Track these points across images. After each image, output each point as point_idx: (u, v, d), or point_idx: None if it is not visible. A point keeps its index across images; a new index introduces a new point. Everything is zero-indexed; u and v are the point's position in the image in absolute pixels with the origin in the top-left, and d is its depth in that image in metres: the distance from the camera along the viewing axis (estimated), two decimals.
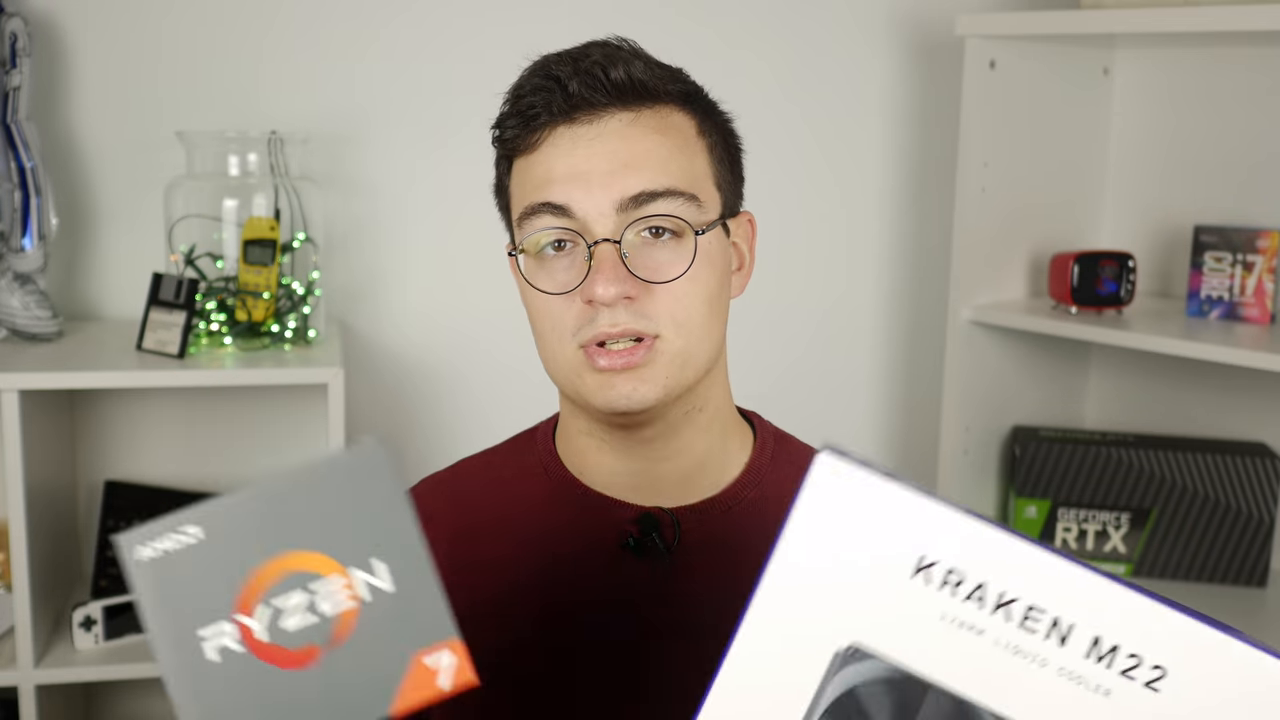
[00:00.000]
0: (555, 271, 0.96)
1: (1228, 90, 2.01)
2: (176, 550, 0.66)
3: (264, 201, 1.80)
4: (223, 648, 0.66)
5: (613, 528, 1.02)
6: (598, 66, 0.95)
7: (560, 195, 0.94)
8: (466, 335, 2.06)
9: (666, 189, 0.94)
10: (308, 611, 0.67)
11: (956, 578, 0.66)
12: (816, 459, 0.67)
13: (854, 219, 2.22)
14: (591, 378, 0.95)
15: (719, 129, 1.02)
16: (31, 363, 1.66)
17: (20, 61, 1.75)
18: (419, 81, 1.98)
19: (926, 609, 0.66)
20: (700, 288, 0.96)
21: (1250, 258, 1.88)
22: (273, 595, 0.67)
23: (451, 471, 1.13)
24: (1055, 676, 0.65)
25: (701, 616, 1.00)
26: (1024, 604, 0.65)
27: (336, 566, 0.68)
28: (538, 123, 0.96)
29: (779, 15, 2.11)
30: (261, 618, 0.66)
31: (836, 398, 2.26)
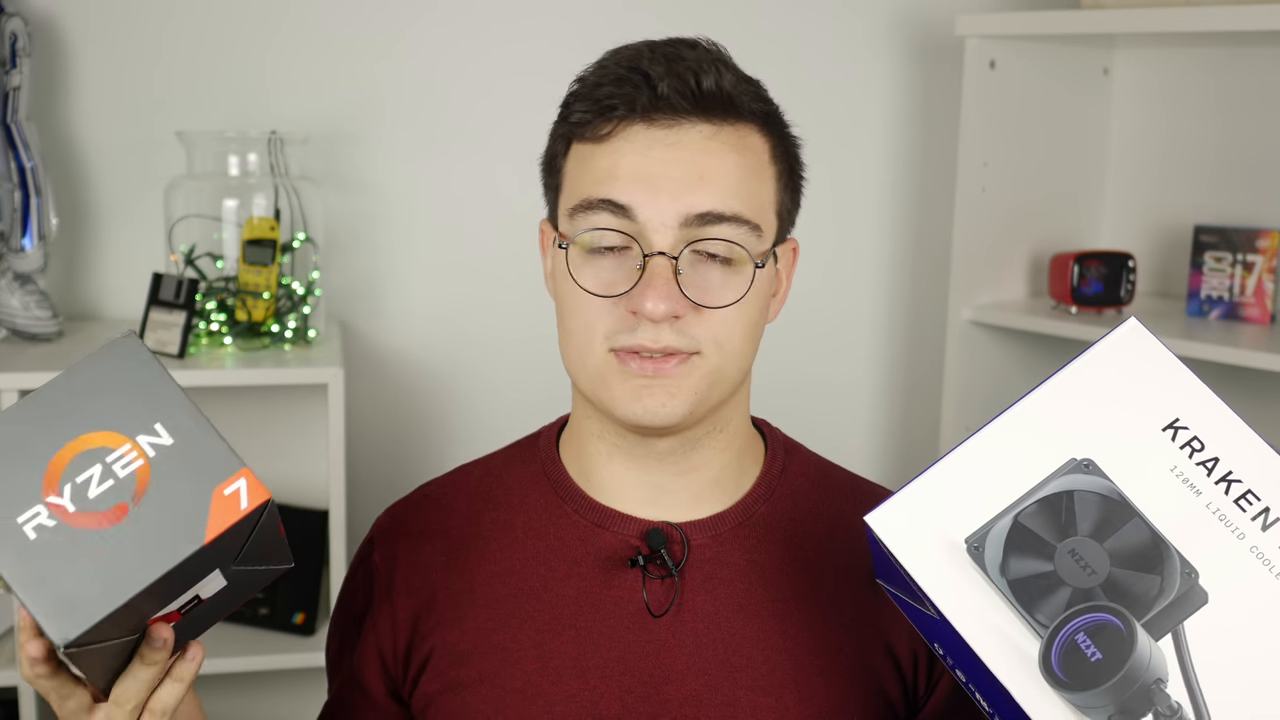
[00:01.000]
0: (601, 271, 0.92)
1: (1228, 90, 2.01)
2: None
3: (264, 201, 1.80)
4: (38, 525, 0.76)
5: (620, 542, 0.99)
6: (691, 73, 0.91)
7: (624, 195, 0.91)
8: (466, 335, 2.06)
9: (735, 214, 0.91)
10: (107, 479, 0.78)
11: (1198, 444, 0.78)
12: (1127, 323, 0.82)
13: (854, 219, 2.22)
14: (620, 386, 0.92)
15: (788, 154, 0.99)
16: (31, 363, 1.66)
17: (20, 61, 1.75)
18: (419, 81, 1.98)
19: (1162, 458, 0.78)
20: (746, 314, 0.94)
21: (1250, 258, 1.88)
22: (73, 474, 0.77)
23: (450, 479, 1.10)
24: (1247, 550, 0.76)
25: (710, 634, 0.98)
26: (1244, 486, 0.77)
27: (122, 438, 0.79)
28: (614, 114, 0.92)
29: (779, 15, 2.11)
30: (66, 494, 0.77)
31: (837, 397, 2.26)
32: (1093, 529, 0.78)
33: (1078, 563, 0.78)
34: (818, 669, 0.98)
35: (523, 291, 2.06)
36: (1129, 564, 0.77)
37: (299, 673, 1.88)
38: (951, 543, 0.80)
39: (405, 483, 2.09)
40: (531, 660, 0.98)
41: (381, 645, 1.04)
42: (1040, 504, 0.80)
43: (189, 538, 0.77)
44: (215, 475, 0.79)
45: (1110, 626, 0.76)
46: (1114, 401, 0.80)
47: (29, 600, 0.75)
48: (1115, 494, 0.78)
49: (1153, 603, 0.76)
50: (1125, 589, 0.77)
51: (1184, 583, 0.75)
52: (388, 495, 2.05)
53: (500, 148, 2.01)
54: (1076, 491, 0.79)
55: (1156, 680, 0.74)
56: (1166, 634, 0.75)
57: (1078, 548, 0.78)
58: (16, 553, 0.75)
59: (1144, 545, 0.77)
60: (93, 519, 0.77)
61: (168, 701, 0.84)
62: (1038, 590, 0.78)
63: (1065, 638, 0.77)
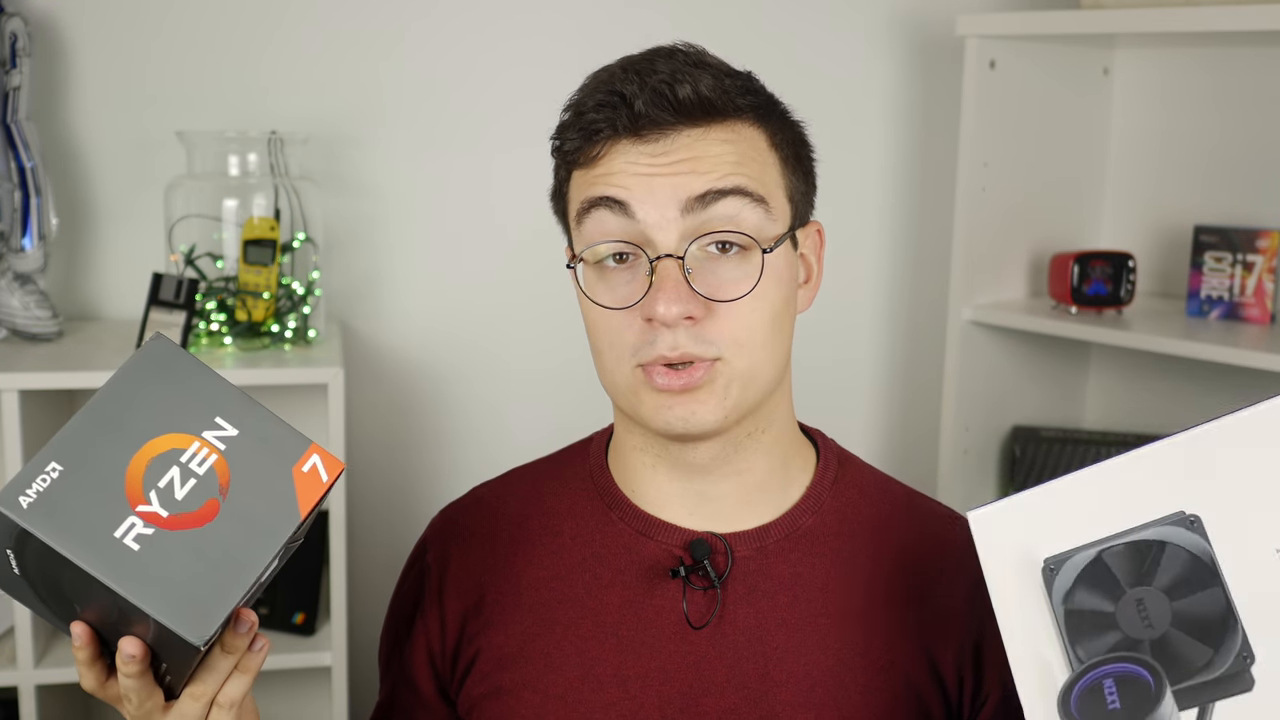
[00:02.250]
0: (616, 285, 0.92)
1: (1228, 90, 2.01)
2: (49, 486, 0.75)
3: (264, 201, 1.80)
4: (138, 535, 0.75)
5: (664, 552, 0.99)
6: (665, 84, 0.90)
7: (621, 192, 0.91)
8: (467, 335, 2.06)
9: (735, 187, 0.91)
10: (189, 479, 0.78)
11: None
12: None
13: (854, 219, 2.22)
14: (650, 398, 0.92)
15: (791, 140, 0.98)
16: (31, 363, 1.66)
17: (20, 61, 1.75)
18: (419, 81, 1.98)
19: (1271, 537, 0.74)
20: (765, 305, 0.92)
21: (1250, 258, 1.88)
22: (153, 480, 0.77)
23: (502, 481, 1.10)
24: None
25: (751, 647, 0.97)
26: None
27: (188, 437, 0.79)
28: (600, 137, 0.92)
29: (779, 15, 2.11)
30: (155, 501, 0.77)
31: (836, 397, 2.26)
32: (1169, 585, 0.76)
33: (1140, 612, 0.76)
34: (860, 686, 0.97)
35: (523, 292, 2.06)
36: (1189, 629, 0.75)
37: (299, 673, 1.88)
38: (1031, 560, 0.80)
39: (405, 483, 2.09)
40: (573, 667, 0.97)
41: (431, 645, 1.04)
42: (1129, 546, 0.78)
43: (285, 517, 0.79)
44: (289, 455, 0.81)
45: (1141, 681, 0.74)
46: (1251, 469, 0.77)
47: (155, 611, 0.74)
48: (1207, 556, 0.76)
49: (1196, 673, 0.73)
50: (1175, 652, 0.74)
51: (1236, 664, 0.73)
52: (387, 495, 2.06)
53: (500, 147, 2.01)
54: (1169, 544, 0.77)
55: None
56: (1195, 708, 0.73)
57: (1145, 598, 0.76)
58: (125, 567, 0.75)
59: (1214, 615, 0.74)
60: (188, 519, 0.77)
61: (235, 695, 0.84)
62: (1090, 627, 0.77)
63: (1093, 679, 0.76)
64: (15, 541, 0.76)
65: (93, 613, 0.79)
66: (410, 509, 2.04)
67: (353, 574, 1.95)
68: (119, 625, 0.78)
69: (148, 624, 0.77)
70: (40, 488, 0.75)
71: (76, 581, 0.76)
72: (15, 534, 0.75)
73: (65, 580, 0.77)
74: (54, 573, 0.77)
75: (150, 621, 0.76)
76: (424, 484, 2.07)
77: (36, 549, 0.75)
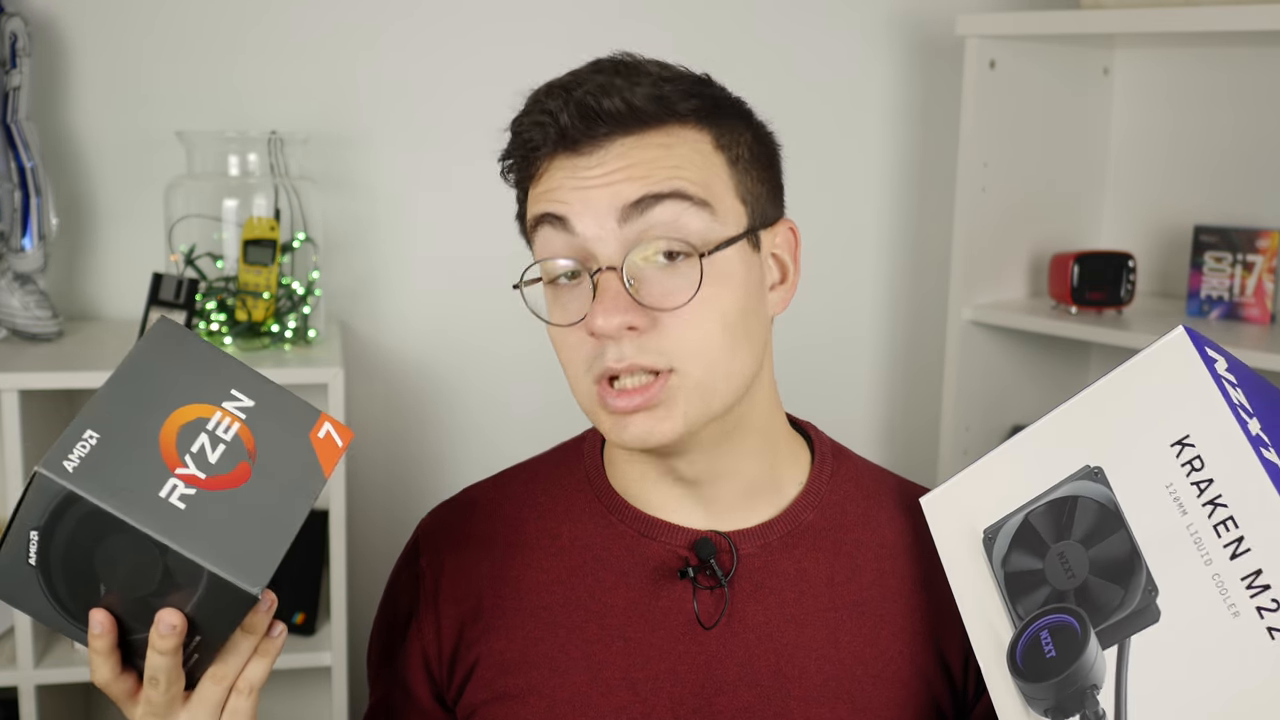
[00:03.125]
0: (567, 302, 0.92)
1: (1228, 90, 2.01)
2: (90, 451, 0.77)
3: (264, 201, 1.80)
4: (182, 495, 0.78)
5: (668, 553, 0.98)
6: (590, 97, 0.89)
7: (559, 207, 0.90)
8: (467, 335, 2.06)
9: (673, 191, 0.88)
10: (218, 444, 0.81)
11: (1198, 464, 0.78)
12: (1174, 332, 0.82)
13: (854, 219, 2.22)
14: (607, 418, 0.91)
15: (745, 138, 0.95)
16: (31, 363, 1.66)
17: (20, 61, 1.75)
18: (419, 81, 1.98)
19: (1161, 474, 0.80)
20: (713, 313, 0.89)
21: (1250, 258, 1.88)
22: (186, 445, 0.80)
23: (495, 483, 1.09)
24: (1209, 578, 0.76)
25: (761, 645, 0.97)
26: (1228, 512, 0.76)
27: (210, 407, 0.82)
28: (537, 154, 0.93)
29: (779, 15, 2.11)
30: (191, 464, 0.79)
31: (836, 397, 2.26)
32: (1084, 535, 0.82)
33: (1063, 565, 0.82)
34: (870, 678, 0.97)
35: None
36: (1104, 573, 0.81)
37: (299, 673, 1.88)
38: (974, 532, 0.87)
39: (405, 483, 2.09)
40: (581, 671, 0.97)
41: (427, 650, 1.03)
42: (1049, 505, 0.84)
43: (313, 476, 0.83)
44: (303, 423, 0.85)
45: (1069, 628, 0.80)
46: (1138, 412, 0.82)
47: (212, 563, 0.76)
48: (1111, 503, 0.81)
49: (1111, 613, 0.79)
50: (1094, 596, 0.80)
51: (1143, 599, 0.78)
52: (388, 495, 2.06)
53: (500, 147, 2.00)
54: (1080, 497, 0.83)
55: (1092, 685, 0.78)
56: (1114, 645, 0.78)
57: (1066, 551, 0.82)
58: (175, 523, 0.76)
59: (1122, 557, 0.80)
60: (225, 480, 0.80)
61: (255, 678, 0.85)
62: (1024, 585, 0.84)
63: (1031, 633, 0.82)
64: (51, 515, 0.76)
65: (117, 596, 0.79)
66: (410, 509, 2.04)
67: (352, 574, 1.95)
68: (151, 600, 0.78)
69: (191, 589, 0.77)
70: (81, 453, 0.76)
71: (116, 550, 0.77)
72: (57, 502, 0.75)
73: (100, 554, 0.77)
74: (87, 547, 0.77)
75: (200, 581, 0.76)
76: (423, 483, 2.07)
77: (80, 516, 0.76)
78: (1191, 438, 0.79)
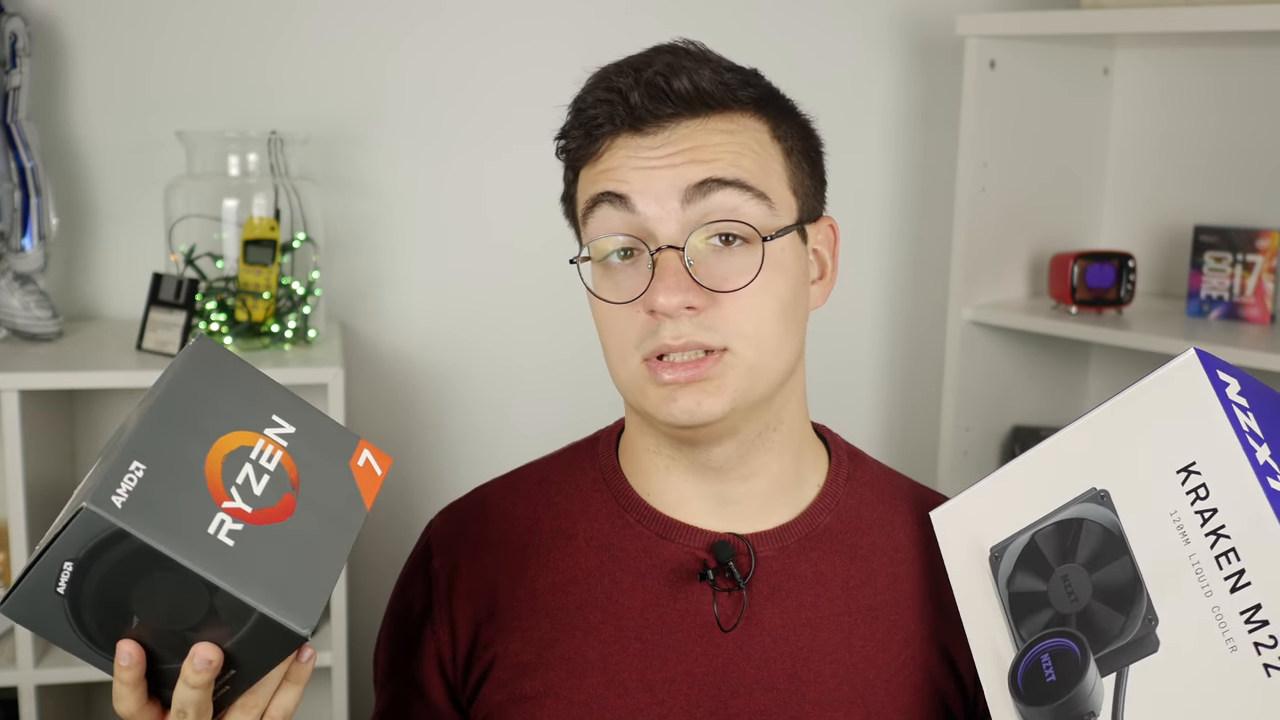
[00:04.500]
0: (621, 280, 0.92)
1: (1228, 90, 2.01)
2: (138, 485, 0.73)
3: (264, 201, 1.80)
4: (230, 531, 0.75)
5: (686, 554, 0.98)
6: (660, 77, 0.91)
7: (621, 186, 0.91)
8: (467, 335, 2.06)
9: (735, 179, 0.90)
10: (262, 475, 0.78)
11: (1203, 492, 0.78)
12: (1184, 355, 0.82)
13: (854, 219, 2.22)
14: (655, 391, 0.91)
15: (797, 132, 0.98)
16: (31, 363, 1.66)
17: (20, 61, 1.75)
18: (420, 81, 1.98)
19: (1166, 501, 0.79)
20: (771, 298, 0.91)
21: (1250, 258, 1.88)
22: (231, 477, 0.77)
23: (507, 482, 1.08)
24: (1209, 610, 0.75)
25: (777, 648, 0.97)
26: (1230, 544, 0.76)
27: (253, 435, 0.79)
28: (600, 132, 0.93)
29: (779, 15, 2.11)
30: (237, 498, 0.76)
31: (836, 397, 2.26)
32: (1088, 559, 0.81)
33: (1066, 588, 0.82)
34: (884, 683, 0.97)
35: (523, 291, 2.06)
36: (1106, 598, 0.80)
37: None
38: (981, 550, 0.86)
39: (406, 483, 2.09)
40: (597, 673, 0.96)
41: (441, 652, 1.02)
42: (1056, 526, 0.83)
43: (355, 508, 0.80)
44: (344, 451, 0.82)
45: (1069, 653, 0.80)
46: (1146, 436, 0.81)
47: (262, 603, 0.73)
48: (1116, 528, 0.80)
49: (1112, 640, 0.79)
50: (1095, 622, 0.80)
51: (1143, 628, 0.77)
52: (388, 495, 2.06)
53: (500, 148, 2.01)
54: (1086, 520, 0.82)
55: (1089, 713, 0.78)
56: (1112, 672, 0.78)
57: (1070, 574, 0.82)
58: (226, 563, 0.73)
59: (1124, 584, 0.79)
60: (270, 514, 0.77)
61: (288, 705, 0.82)
62: (1028, 607, 0.83)
63: (1033, 656, 0.82)
64: (92, 549, 0.73)
65: (149, 627, 0.77)
66: (411, 509, 2.04)
67: (353, 574, 1.95)
68: (188, 634, 0.76)
69: (233, 626, 0.75)
70: (129, 487, 0.73)
71: (160, 586, 0.74)
72: (102, 538, 0.72)
73: (139, 588, 0.74)
74: (128, 582, 0.74)
75: (247, 620, 0.74)
76: (424, 484, 2.07)
77: (126, 552, 0.73)
78: (1198, 465, 0.78)
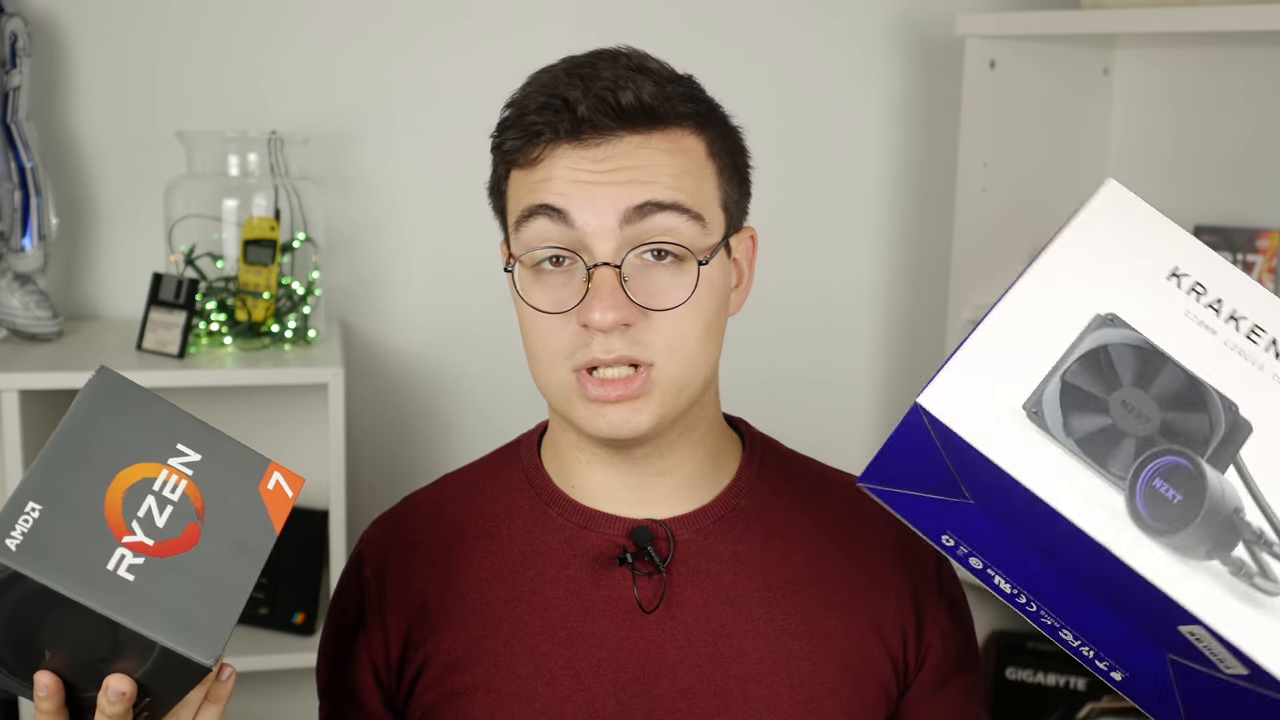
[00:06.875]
0: (551, 289, 0.93)
1: (1228, 90, 2.01)
2: (33, 527, 0.74)
3: (264, 201, 1.80)
4: (130, 565, 0.75)
5: (606, 542, 1.00)
6: (608, 91, 0.91)
7: (560, 200, 0.91)
8: (467, 335, 2.06)
9: (674, 202, 0.91)
10: (165, 506, 0.78)
11: (1200, 288, 0.80)
12: (1107, 185, 0.83)
13: (854, 219, 2.22)
14: (583, 406, 0.93)
15: (729, 148, 0.99)
16: (31, 363, 1.66)
17: (20, 61, 1.76)
18: (419, 81, 1.98)
19: (1174, 304, 0.79)
20: (700, 315, 0.94)
21: (1250, 258, 1.88)
22: (132, 510, 0.77)
23: (435, 488, 1.11)
24: (1270, 379, 0.78)
25: (699, 627, 0.99)
26: (1250, 322, 0.79)
27: (156, 466, 0.79)
28: (541, 139, 0.93)
29: (779, 15, 2.11)
30: (139, 530, 0.76)
31: (836, 397, 2.26)
32: (1134, 379, 0.78)
33: (1131, 412, 0.78)
34: (807, 655, 0.99)
35: None
36: (1176, 407, 0.78)
37: (299, 673, 1.88)
38: (1011, 411, 0.77)
39: (405, 483, 2.09)
40: (524, 664, 0.98)
41: (375, 657, 1.04)
42: (1081, 361, 0.79)
43: (264, 534, 0.81)
44: (252, 475, 0.82)
45: (1180, 468, 0.77)
46: (1117, 258, 0.81)
47: (164, 637, 0.74)
48: (1145, 343, 0.79)
49: (1208, 440, 0.77)
50: (1180, 430, 0.77)
51: (1229, 416, 0.77)
52: (388, 495, 2.05)
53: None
54: (1110, 345, 0.79)
55: (1235, 510, 0.76)
56: (1228, 466, 0.77)
57: (1127, 398, 0.78)
58: (125, 599, 0.74)
59: (1183, 388, 0.78)
60: (174, 545, 0.77)
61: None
62: (1104, 443, 0.77)
63: (1144, 485, 0.76)
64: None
65: (63, 658, 0.78)
66: None
67: None
68: (100, 665, 0.77)
69: (141, 658, 0.76)
70: (24, 529, 0.74)
71: (64, 623, 0.75)
72: (1, 580, 0.73)
73: (45, 625, 0.75)
74: (31, 618, 0.75)
75: (151, 653, 0.75)
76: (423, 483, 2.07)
77: (22, 593, 0.73)
78: (1182, 267, 0.80)
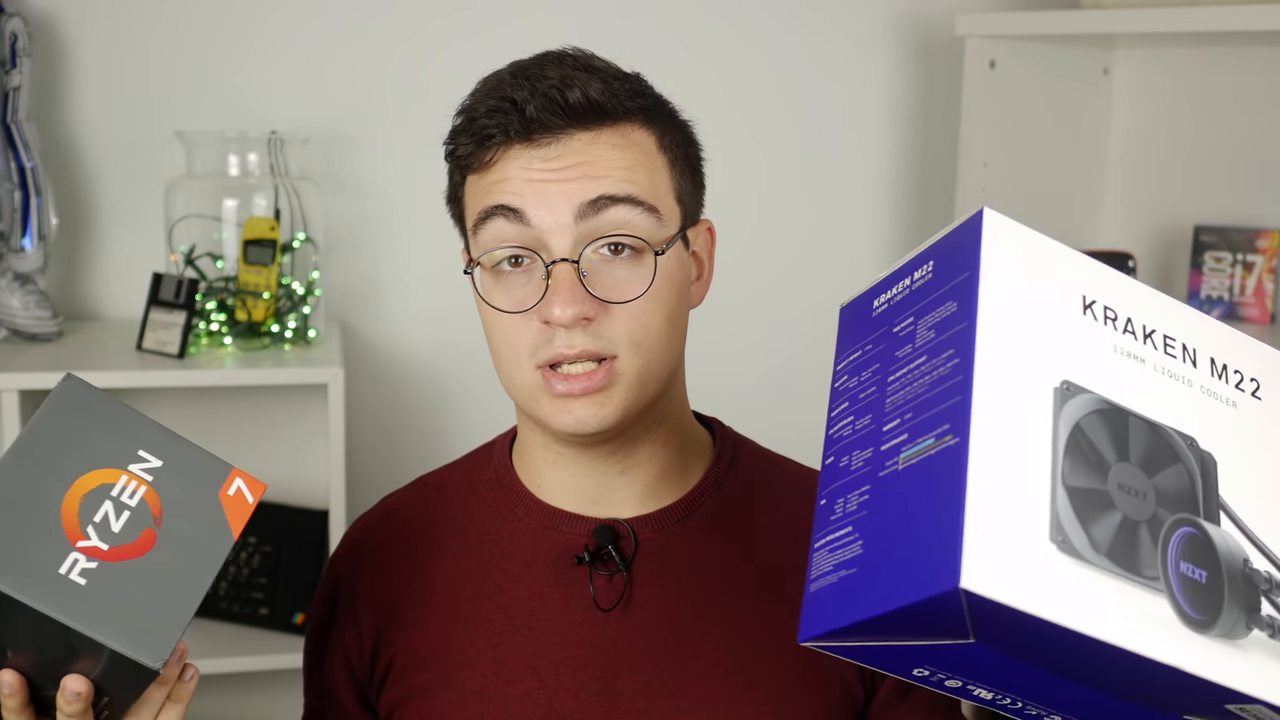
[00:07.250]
0: (512, 289, 0.95)
1: (1228, 90, 2.01)
2: None
3: (264, 201, 1.80)
4: (82, 570, 0.76)
5: (570, 541, 1.01)
6: (555, 90, 0.92)
7: (515, 199, 0.93)
8: (466, 335, 2.06)
9: (627, 195, 0.92)
10: (122, 511, 0.79)
11: (1111, 312, 0.73)
12: (985, 217, 0.75)
13: (854, 219, 2.22)
14: (549, 402, 0.94)
15: (680, 141, 1.00)
16: (31, 363, 1.66)
17: (20, 61, 1.76)
18: (419, 81, 1.98)
19: (1101, 342, 0.72)
20: (659, 306, 0.94)
21: (1250, 258, 1.88)
22: (88, 516, 0.78)
23: (410, 490, 1.13)
24: (1200, 394, 0.73)
25: (659, 626, 0.99)
26: (1161, 334, 0.73)
27: (115, 472, 0.80)
28: (492, 142, 0.94)
29: (779, 15, 2.11)
30: (93, 535, 0.78)
31: None
32: (1116, 453, 0.69)
33: (1130, 494, 0.68)
34: (768, 657, 0.99)
35: None
36: (1157, 467, 0.69)
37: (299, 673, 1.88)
38: (1044, 552, 0.66)
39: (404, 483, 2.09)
40: (488, 662, 0.99)
41: (349, 655, 1.06)
42: (1069, 457, 0.68)
43: (220, 539, 0.82)
44: (213, 481, 0.84)
45: (1190, 537, 0.68)
46: (1035, 307, 0.71)
47: (111, 641, 0.75)
48: (1104, 403, 0.70)
49: (1193, 492, 0.69)
50: (1170, 491, 0.69)
51: (1195, 455, 0.70)
52: None
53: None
54: (1081, 422, 0.69)
55: (1244, 562, 0.68)
56: (1218, 512, 0.69)
57: (1121, 480, 0.68)
58: (76, 603, 0.75)
59: (1152, 443, 0.69)
60: (128, 550, 0.78)
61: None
62: (1127, 546, 0.67)
63: (1176, 578, 0.67)
64: None
65: (25, 658, 0.79)
66: None
67: None
68: (59, 665, 0.78)
69: (95, 659, 0.76)
70: None
71: (18, 626, 0.76)
72: None
73: (3, 626, 0.76)
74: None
75: (103, 654, 0.76)
76: None
77: None
78: (1089, 295, 0.73)
